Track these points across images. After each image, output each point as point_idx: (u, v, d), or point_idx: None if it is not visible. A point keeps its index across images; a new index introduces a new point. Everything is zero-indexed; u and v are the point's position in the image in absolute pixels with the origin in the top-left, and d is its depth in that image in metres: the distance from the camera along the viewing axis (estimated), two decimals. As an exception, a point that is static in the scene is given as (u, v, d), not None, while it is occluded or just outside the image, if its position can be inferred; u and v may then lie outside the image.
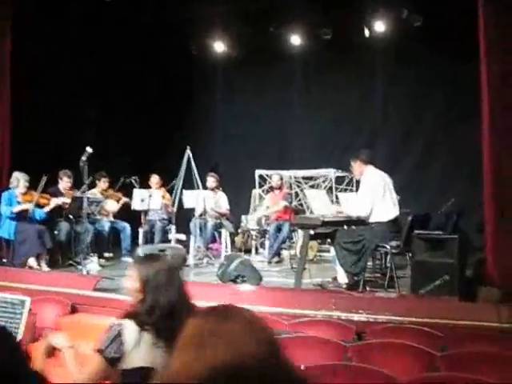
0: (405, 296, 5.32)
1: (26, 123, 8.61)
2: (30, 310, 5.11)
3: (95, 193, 8.83)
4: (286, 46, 10.81)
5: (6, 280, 5.93)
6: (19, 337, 5.08)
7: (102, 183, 9.02)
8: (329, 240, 6.58)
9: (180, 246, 7.35)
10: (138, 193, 8.36)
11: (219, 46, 11.61)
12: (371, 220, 5.83)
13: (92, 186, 8.94)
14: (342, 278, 5.92)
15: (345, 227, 5.89)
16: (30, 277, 6.06)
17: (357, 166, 6.09)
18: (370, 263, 6.68)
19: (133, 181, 8.35)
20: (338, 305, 4.58)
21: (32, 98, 8.67)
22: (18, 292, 5.72)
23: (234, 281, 5.76)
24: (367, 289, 5.85)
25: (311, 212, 6.12)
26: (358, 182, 6.20)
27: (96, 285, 5.69)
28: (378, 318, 4.33)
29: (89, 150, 6.62)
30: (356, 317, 4.43)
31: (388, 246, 5.69)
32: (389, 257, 7.00)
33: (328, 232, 5.88)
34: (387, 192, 5.86)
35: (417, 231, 5.63)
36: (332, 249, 6.02)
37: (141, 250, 6.86)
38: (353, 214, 5.90)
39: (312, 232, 5.70)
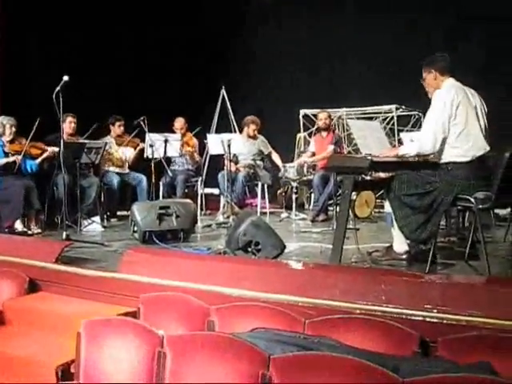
0: (501, 280, 3.47)
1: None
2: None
3: (110, 140, 7.38)
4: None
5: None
6: None
7: (117, 128, 7.54)
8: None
9: (188, 201, 5.71)
10: (147, 137, 6.77)
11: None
12: (446, 159, 3.91)
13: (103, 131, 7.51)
14: (400, 246, 4.10)
15: (406, 172, 4.02)
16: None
17: (431, 78, 4.09)
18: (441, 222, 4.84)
19: (141, 122, 6.73)
20: (392, 294, 2.83)
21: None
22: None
23: (245, 249, 4.08)
24: (437, 260, 4.04)
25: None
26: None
27: (60, 254, 4.17)
28: (459, 320, 2.55)
29: (65, 78, 5.05)
30: (421, 315, 2.67)
31: (472, 199, 3.74)
32: (467, 214, 5.17)
33: (381, 179, 4.09)
34: (473, 117, 3.91)
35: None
36: (386, 204, 4.17)
37: (136, 207, 5.29)
38: (411, 151, 4.02)
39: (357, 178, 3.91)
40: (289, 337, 2.65)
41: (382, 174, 5.34)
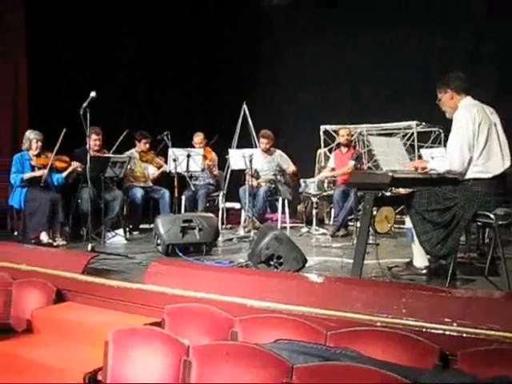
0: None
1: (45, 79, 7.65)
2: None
3: (134, 154, 7.51)
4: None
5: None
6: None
7: (143, 144, 7.67)
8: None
9: (210, 215, 5.80)
10: (170, 152, 6.90)
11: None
12: (467, 176, 3.97)
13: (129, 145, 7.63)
14: (420, 261, 4.16)
15: (427, 188, 4.07)
16: (11, 253, 4.74)
17: (447, 98, 4.14)
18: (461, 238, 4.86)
19: (164, 137, 6.85)
20: (412, 307, 2.88)
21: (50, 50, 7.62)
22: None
23: (267, 263, 4.16)
24: (457, 276, 4.07)
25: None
26: (448, 136, 4.24)
27: (87, 265, 4.27)
28: (478, 333, 2.60)
29: (92, 94, 5.20)
30: (441, 329, 2.72)
31: (492, 216, 3.80)
32: (487, 230, 5.20)
33: (402, 195, 4.14)
34: (493, 135, 3.97)
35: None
36: (407, 219, 4.22)
37: (160, 220, 5.39)
38: (440, 168, 4.08)
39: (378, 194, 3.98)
40: (311, 348, 2.71)
41: (402, 190, 5.39)
